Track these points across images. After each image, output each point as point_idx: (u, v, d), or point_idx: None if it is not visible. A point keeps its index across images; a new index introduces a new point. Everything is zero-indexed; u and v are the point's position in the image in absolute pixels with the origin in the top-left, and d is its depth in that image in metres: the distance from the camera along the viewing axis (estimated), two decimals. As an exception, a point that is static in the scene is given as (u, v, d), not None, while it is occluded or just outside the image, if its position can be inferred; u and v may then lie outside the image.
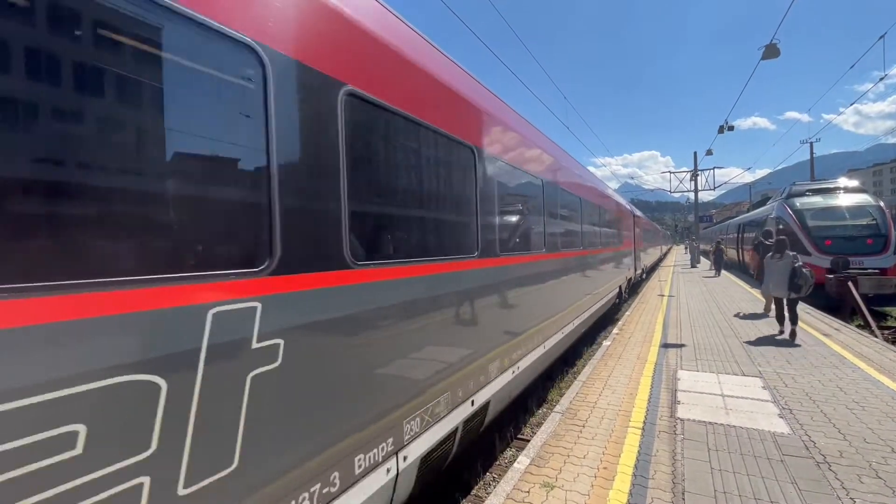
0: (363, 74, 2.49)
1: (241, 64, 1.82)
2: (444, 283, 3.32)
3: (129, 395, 1.39)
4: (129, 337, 1.40)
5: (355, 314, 2.38)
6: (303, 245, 2.05)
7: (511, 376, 4.53)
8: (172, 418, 1.49)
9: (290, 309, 1.97)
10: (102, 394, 1.32)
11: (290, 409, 1.95)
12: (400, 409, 2.71)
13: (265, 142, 1.88)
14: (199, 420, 1.57)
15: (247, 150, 1.86)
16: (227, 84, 1.81)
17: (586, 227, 8.63)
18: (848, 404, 4.81)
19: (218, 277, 1.67)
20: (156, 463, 1.44)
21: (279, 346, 1.90)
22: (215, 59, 1.74)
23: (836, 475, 3.40)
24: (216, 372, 1.63)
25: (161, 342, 1.48)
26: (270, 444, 1.86)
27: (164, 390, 1.47)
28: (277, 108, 1.93)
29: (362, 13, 2.59)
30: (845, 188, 16.32)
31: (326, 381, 2.17)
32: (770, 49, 12.65)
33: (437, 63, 3.48)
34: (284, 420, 1.93)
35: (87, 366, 1.30)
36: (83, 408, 1.28)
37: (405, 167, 3.08)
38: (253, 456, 1.77)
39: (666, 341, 8.06)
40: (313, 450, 2.08)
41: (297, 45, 2.07)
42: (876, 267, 13.14)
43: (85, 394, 1.28)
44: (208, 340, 1.61)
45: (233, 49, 1.79)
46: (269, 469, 1.85)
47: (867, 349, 7.08)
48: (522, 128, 5.44)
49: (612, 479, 3.45)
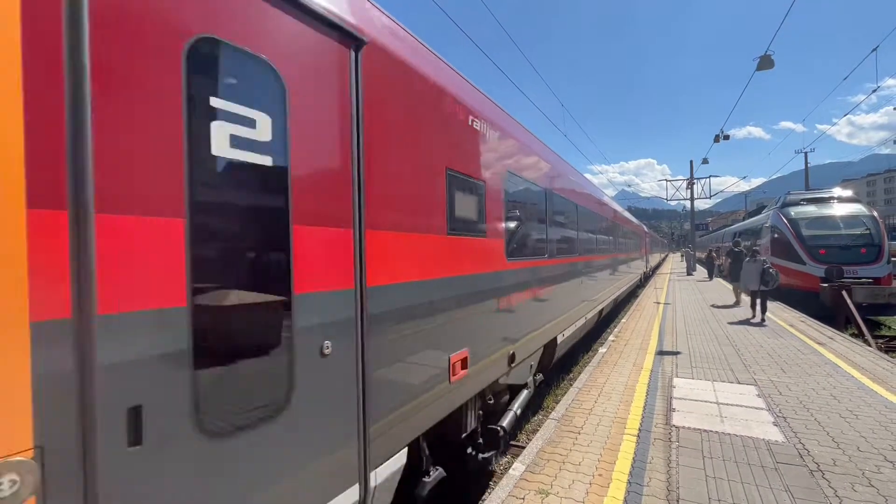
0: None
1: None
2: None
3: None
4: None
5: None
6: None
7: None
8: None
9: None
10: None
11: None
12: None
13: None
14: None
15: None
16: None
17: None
18: (841, 413, 4.83)
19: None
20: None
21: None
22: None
23: (829, 483, 3.42)
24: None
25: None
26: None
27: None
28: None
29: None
30: (839, 198, 16.49)
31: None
32: (765, 60, 12.81)
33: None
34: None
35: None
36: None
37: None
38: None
39: (662, 348, 8.09)
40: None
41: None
42: (870, 276, 13.26)
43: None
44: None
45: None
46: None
47: (861, 358, 7.12)
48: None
49: (607, 487, 3.45)
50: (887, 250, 13.89)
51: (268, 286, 1.79)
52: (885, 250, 13.81)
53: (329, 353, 2.00)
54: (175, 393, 1.43)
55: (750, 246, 15.13)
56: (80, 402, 1.21)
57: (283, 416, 1.79)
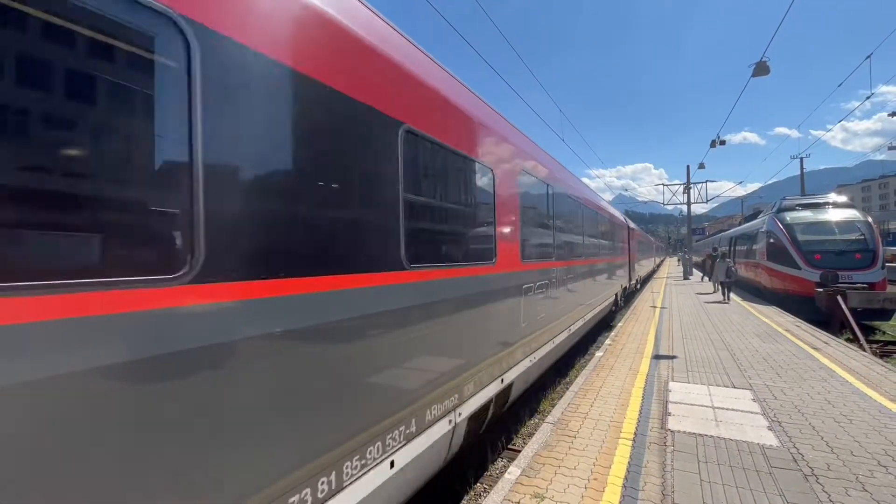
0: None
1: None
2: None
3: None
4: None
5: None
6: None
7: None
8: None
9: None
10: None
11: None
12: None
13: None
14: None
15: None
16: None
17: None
18: (836, 417, 4.85)
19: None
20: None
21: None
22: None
23: (823, 488, 3.43)
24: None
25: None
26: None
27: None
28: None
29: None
30: (835, 203, 16.59)
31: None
32: (760, 66, 12.94)
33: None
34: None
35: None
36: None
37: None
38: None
39: (658, 353, 8.10)
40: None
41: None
42: (864, 281, 13.33)
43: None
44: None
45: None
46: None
47: (855, 363, 7.16)
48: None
49: (602, 491, 3.45)
50: (882, 256, 13.97)
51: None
52: (879, 256, 13.89)
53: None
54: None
55: (725, 252, 21.38)
56: None
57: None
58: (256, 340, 1.86)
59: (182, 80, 1.63)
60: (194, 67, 1.66)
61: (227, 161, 1.78)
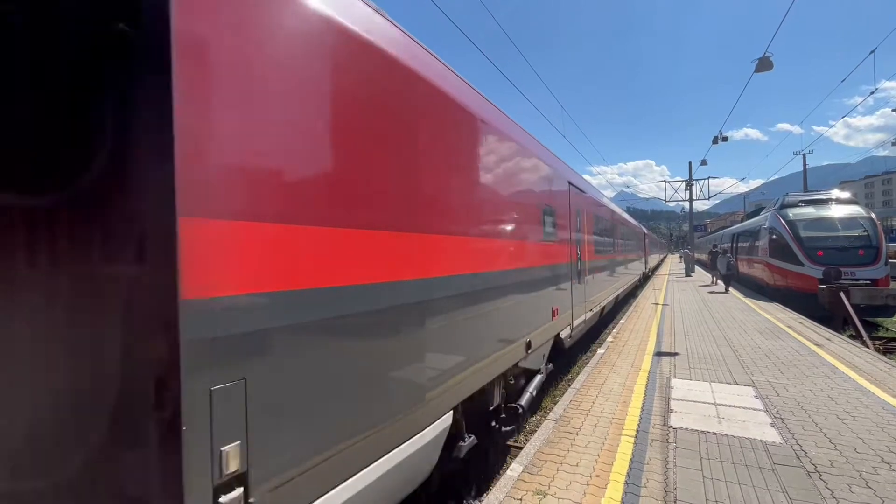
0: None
1: None
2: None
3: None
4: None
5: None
6: None
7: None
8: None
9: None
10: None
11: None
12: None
13: None
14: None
15: None
16: None
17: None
18: (839, 414, 4.84)
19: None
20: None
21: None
22: None
23: (826, 485, 3.42)
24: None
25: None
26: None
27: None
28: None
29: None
30: (837, 200, 16.50)
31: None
32: (763, 62, 12.85)
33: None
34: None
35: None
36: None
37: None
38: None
39: (660, 349, 8.09)
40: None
41: None
42: (867, 278, 13.28)
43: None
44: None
45: None
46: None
47: (858, 359, 7.14)
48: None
49: (604, 487, 3.45)
50: (885, 252, 13.91)
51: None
52: (882, 252, 13.83)
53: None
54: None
55: (726, 249, 22.90)
56: None
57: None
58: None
59: None
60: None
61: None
